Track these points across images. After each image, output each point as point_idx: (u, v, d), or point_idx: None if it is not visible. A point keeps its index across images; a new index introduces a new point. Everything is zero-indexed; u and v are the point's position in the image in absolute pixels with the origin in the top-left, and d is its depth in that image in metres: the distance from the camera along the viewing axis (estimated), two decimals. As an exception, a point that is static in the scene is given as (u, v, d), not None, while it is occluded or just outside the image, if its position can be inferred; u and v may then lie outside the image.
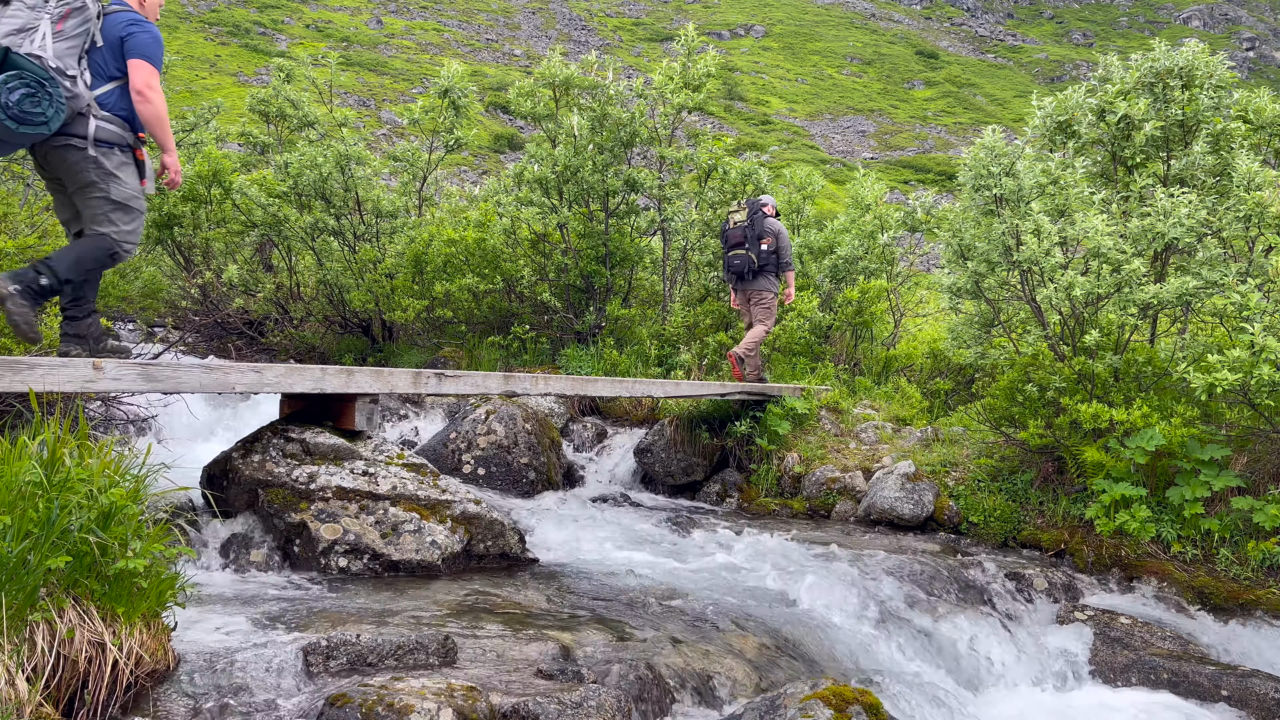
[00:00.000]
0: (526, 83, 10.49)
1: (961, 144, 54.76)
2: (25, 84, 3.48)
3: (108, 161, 3.81)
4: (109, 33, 3.82)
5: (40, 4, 3.69)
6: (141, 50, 3.81)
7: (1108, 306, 5.69)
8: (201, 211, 11.09)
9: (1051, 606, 4.93)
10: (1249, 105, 5.83)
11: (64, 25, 3.71)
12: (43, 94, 3.52)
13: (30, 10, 3.67)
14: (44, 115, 3.53)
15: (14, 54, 3.50)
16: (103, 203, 3.84)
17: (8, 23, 3.64)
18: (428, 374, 4.71)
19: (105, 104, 3.82)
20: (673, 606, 4.11)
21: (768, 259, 7.94)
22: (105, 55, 3.82)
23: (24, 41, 3.62)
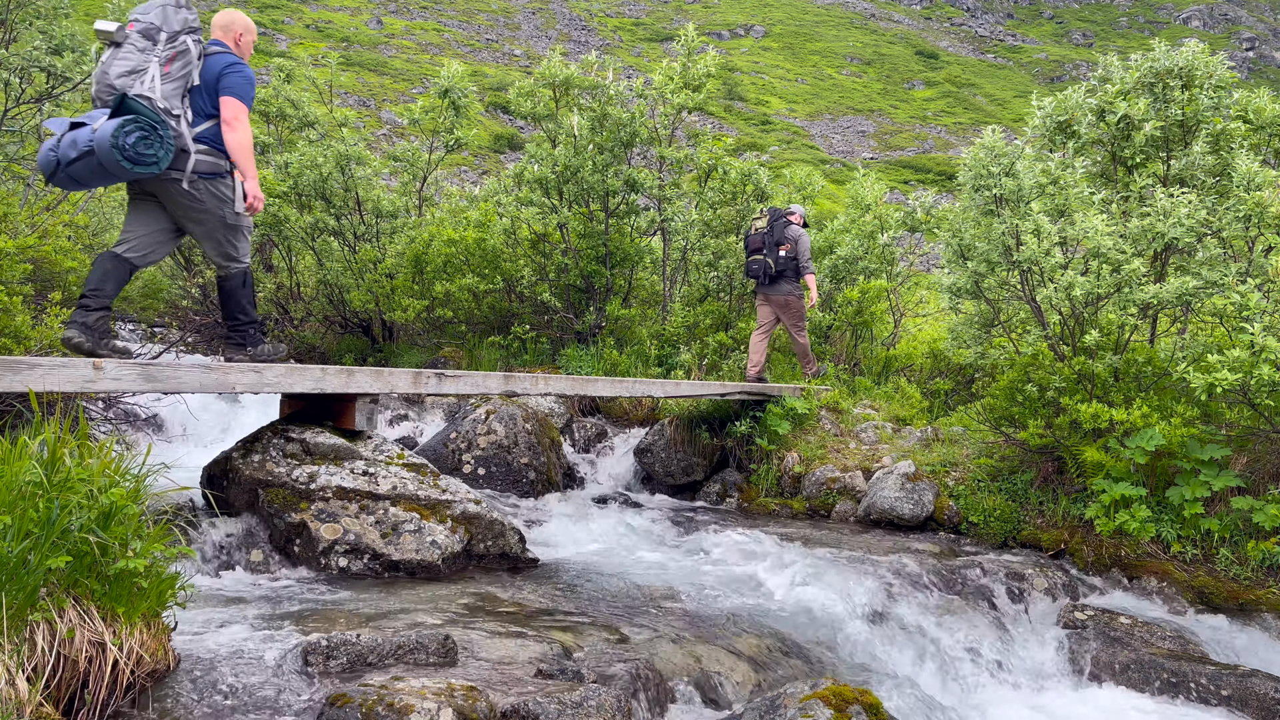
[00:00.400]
0: (526, 83, 10.49)
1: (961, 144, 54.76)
2: (140, 128, 3.78)
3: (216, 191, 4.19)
4: (208, 74, 4.12)
5: (150, 46, 3.97)
6: (234, 90, 4.14)
7: (1108, 306, 5.69)
8: (201, 211, 11.08)
9: (1051, 606, 4.93)
10: (1249, 105, 5.83)
11: (170, 68, 4.00)
12: (155, 137, 3.83)
13: (140, 53, 3.96)
14: (155, 156, 3.84)
15: (130, 98, 3.80)
16: (220, 227, 4.25)
17: (120, 64, 3.93)
18: (428, 374, 4.71)
19: (204, 138, 4.12)
20: (673, 606, 4.11)
21: (785, 264, 8.23)
22: (204, 95, 4.13)
23: (134, 83, 3.91)
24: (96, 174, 3.85)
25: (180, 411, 6.99)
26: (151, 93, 3.93)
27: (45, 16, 6.94)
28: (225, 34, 4.35)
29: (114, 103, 3.82)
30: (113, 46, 4.01)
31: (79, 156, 3.75)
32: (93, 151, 3.74)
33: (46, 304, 5.24)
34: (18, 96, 6.93)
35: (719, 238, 10.16)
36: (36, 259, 5.61)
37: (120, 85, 3.90)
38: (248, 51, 4.42)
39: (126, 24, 4.04)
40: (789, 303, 8.34)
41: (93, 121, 3.80)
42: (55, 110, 7.35)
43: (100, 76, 3.96)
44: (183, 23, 4.08)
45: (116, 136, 3.70)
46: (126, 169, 3.78)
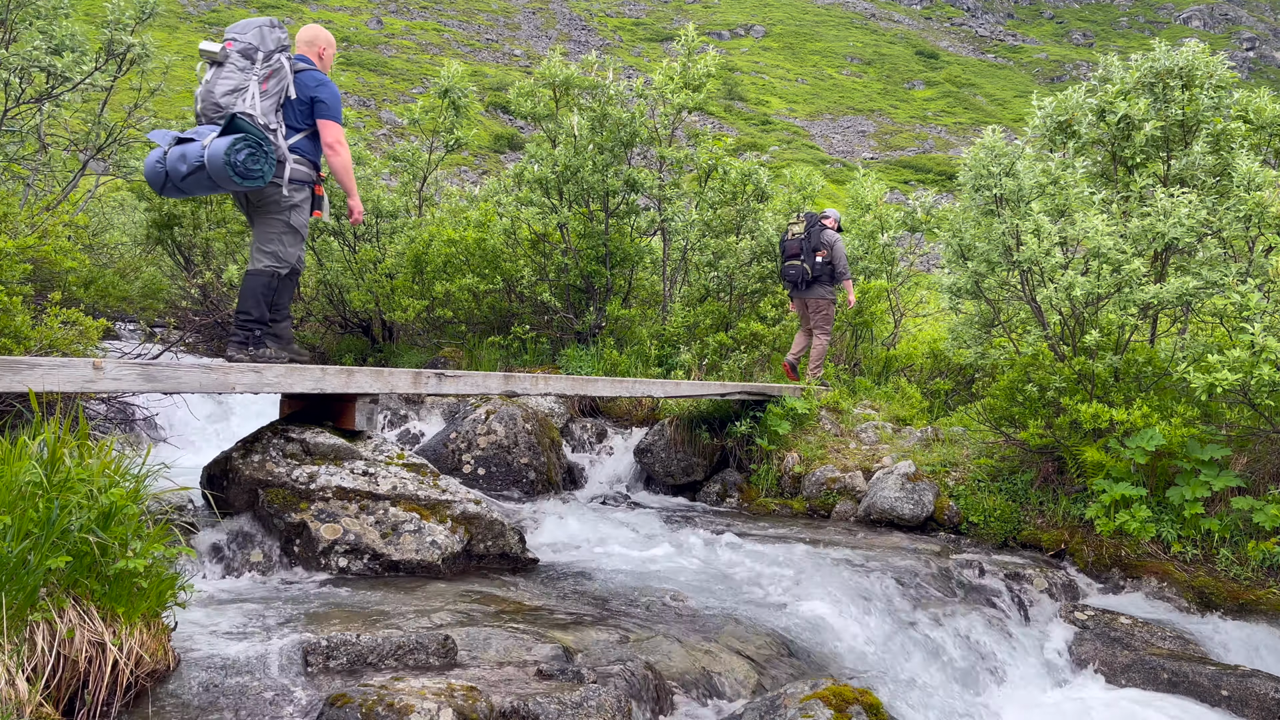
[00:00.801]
0: (526, 83, 10.49)
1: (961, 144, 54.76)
2: (249, 145, 4.11)
3: (296, 196, 4.50)
4: (300, 89, 4.45)
5: (249, 65, 4.29)
6: (330, 113, 4.50)
7: (1108, 306, 5.69)
8: (202, 211, 11.09)
9: (1051, 606, 4.93)
10: (1249, 105, 5.83)
11: (267, 85, 4.32)
12: (260, 153, 4.17)
13: (241, 72, 4.27)
14: (261, 171, 4.19)
15: (238, 117, 4.13)
16: (281, 226, 4.52)
17: (224, 83, 4.24)
18: (428, 374, 4.71)
19: (296, 149, 4.46)
20: (673, 606, 4.11)
21: (822, 270, 8.40)
22: (297, 109, 4.45)
23: (237, 101, 4.24)
24: (205, 186, 4.17)
25: (180, 411, 6.99)
26: (253, 110, 4.24)
27: (45, 16, 6.94)
28: (309, 49, 4.66)
29: (221, 120, 4.15)
30: (214, 66, 4.30)
31: (190, 171, 4.06)
32: (204, 167, 4.04)
33: (46, 304, 5.24)
34: (18, 96, 6.93)
35: (719, 238, 10.16)
36: (36, 259, 5.61)
37: (225, 103, 4.21)
38: (329, 64, 4.75)
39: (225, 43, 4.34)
40: (820, 305, 8.51)
41: (201, 138, 4.09)
42: (55, 110, 7.36)
43: (205, 95, 4.25)
44: (276, 42, 4.39)
45: (229, 154, 4.02)
46: (236, 183, 4.10)
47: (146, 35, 7.30)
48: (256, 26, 4.39)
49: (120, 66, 7.27)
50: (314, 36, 4.68)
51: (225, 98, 4.22)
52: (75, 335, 5.12)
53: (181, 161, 4.07)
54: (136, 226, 12.28)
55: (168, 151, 4.12)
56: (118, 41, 7.02)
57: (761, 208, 10.09)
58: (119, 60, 7.20)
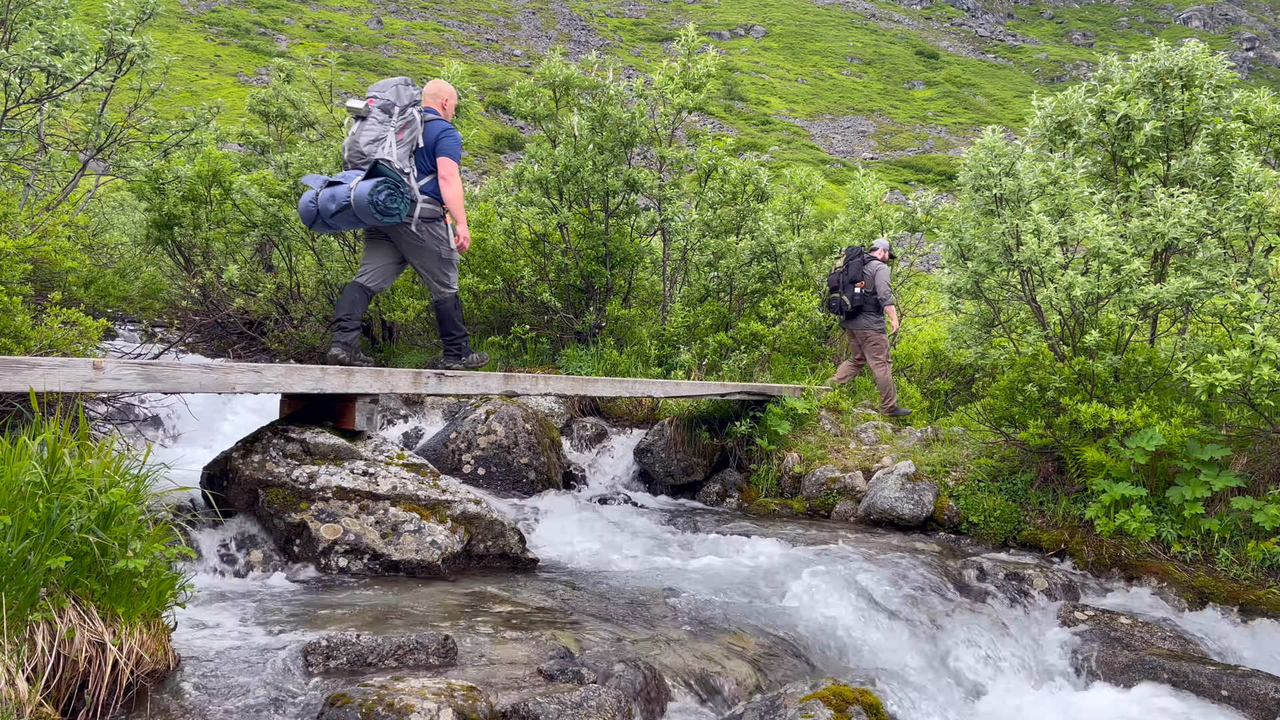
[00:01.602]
0: (526, 83, 10.49)
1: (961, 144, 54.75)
2: (388, 186, 4.71)
3: (440, 233, 5.09)
4: (428, 137, 4.99)
5: (387, 119, 4.90)
6: (449, 151, 5.01)
7: (1108, 306, 5.69)
8: (201, 211, 11.09)
9: (1051, 606, 4.93)
10: (1249, 105, 5.83)
11: (402, 135, 4.90)
12: (398, 194, 4.75)
13: (380, 125, 4.89)
14: (398, 209, 4.77)
15: (380, 163, 4.73)
16: (436, 263, 5.14)
17: (366, 134, 4.87)
18: (428, 374, 4.71)
19: (425, 190, 4.99)
20: (673, 606, 4.11)
21: (862, 301, 8.50)
22: (426, 155, 5.00)
23: (378, 149, 4.84)
24: (350, 222, 4.81)
25: (180, 411, 6.99)
26: (391, 156, 4.83)
27: (45, 16, 6.93)
28: (434, 100, 5.22)
29: (366, 166, 4.79)
30: (359, 120, 4.94)
31: (338, 209, 4.71)
32: (350, 205, 4.68)
33: (46, 304, 5.24)
34: (18, 96, 6.93)
35: (719, 238, 10.16)
36: (36, 259, 5.61)
37: (368, 151, 4.84)
38: (451, 113, 5.35)
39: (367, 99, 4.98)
40: (869, 336, 8.52)
41: (348, 181, 4.74)
42: (55, 110, 7.35)
43: (351, 144, 4.92)
44: (409, 98, 4.99)
45: (372, 195, 4.63)
46: (378, 219, 4.72)
47: (146, 35, 7.29)
48: (393, 85, 5.01)
49: (120, 66, 7.26)
50: (438, 90, 5.28)
51: (368, 146, 4.85)
52: (75, 335, 5.11)
53: (331, 201, 4.72)
54: (136, 226, 12.28)
55: (319, 193, 4.79)
56: (118, 41, 7.02)
57: (761, 208, 10.08)
58: (119, 60, 7.20)
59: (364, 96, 5.03)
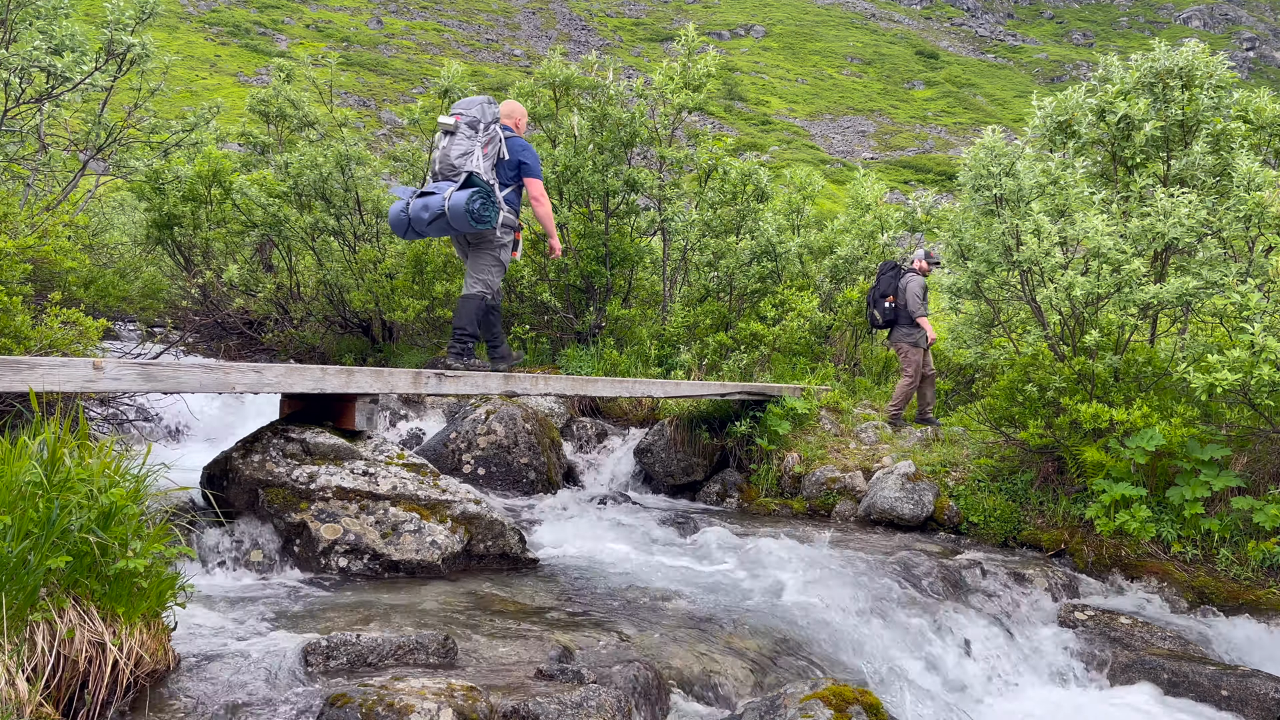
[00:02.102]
0: (526, 83, 10.49)
1: (961, 144, 54.75)
2: (481, 196, 5.15)
3: (505, 238, 5.51)
4: (510, 152, 5.47)
5: (473, 134, 5.30)
6: (534, 172, 5.50)
7: (1108, 306, 5.69)
8: (201, 211, 11.09)
9: (1051, 606, 4.93)
10: (1249, 105, 5.83)
11: (487, 150, 5.35)
12: (489, 202, 5.21)
13: (468, 139, 5.29)
14: (490, 216, 5.22)
15: (474, 175, 5.19)
16: (492, 262, 5.55)
17: (456, 148, 5.28)
18: (428, 374, 4.71)
19: (506, 200, 5.44)
20: (673, 606, 4.11)
21: (891, 314, 8.51)
22: (505, 168, 5.46)
23: (468, 162, 5.26)
24: (441, 229, 5.25)
25: (180, 411, 6.99)
26: (479, 169, 5.24)
27: (45, 16, 6.94)
28: (509, 119, 5.67)
29: (455, 178, 5.21)
30: (448, 135, 5.34)
31: (432, 218, 5.13)
32: (444, 214, 5.10)
33: (46, 304, 5.24)
34: (18, 96, 6.93)
35: (719, 238, 10.16)
36: (36, 259, 5.61)
37: (458, 164, 5.24)
38: (523, 129, 5.81)
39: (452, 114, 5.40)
40: (901, 348, 8.51)
41: (440, 192, 5.15)
42: (55, 110, 7.36)
43: (442, 158, 5.32)
44: (492, 115, 5.41)
45: (468, 203, 5.07)
46: (472, 226, 5.15)
47: (146, 35, 7.29)
48: (478, 103, 5.41)
49: (120, 66, 7.26)
50: (511, 110, 5.74)
51: (458, 159, 5.26)
52: (75, 335, 5.11)
53: (424, 210, 5.15)
54: (136, 226, 12.28)
55: (409, 203, 5.24)
56: (118, 41, 7.02)
57: (761, 208, 10.08)
58: (119, 60, 7.20)
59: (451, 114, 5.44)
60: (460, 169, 5.22)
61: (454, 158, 5.25)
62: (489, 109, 5.42)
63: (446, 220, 5.13)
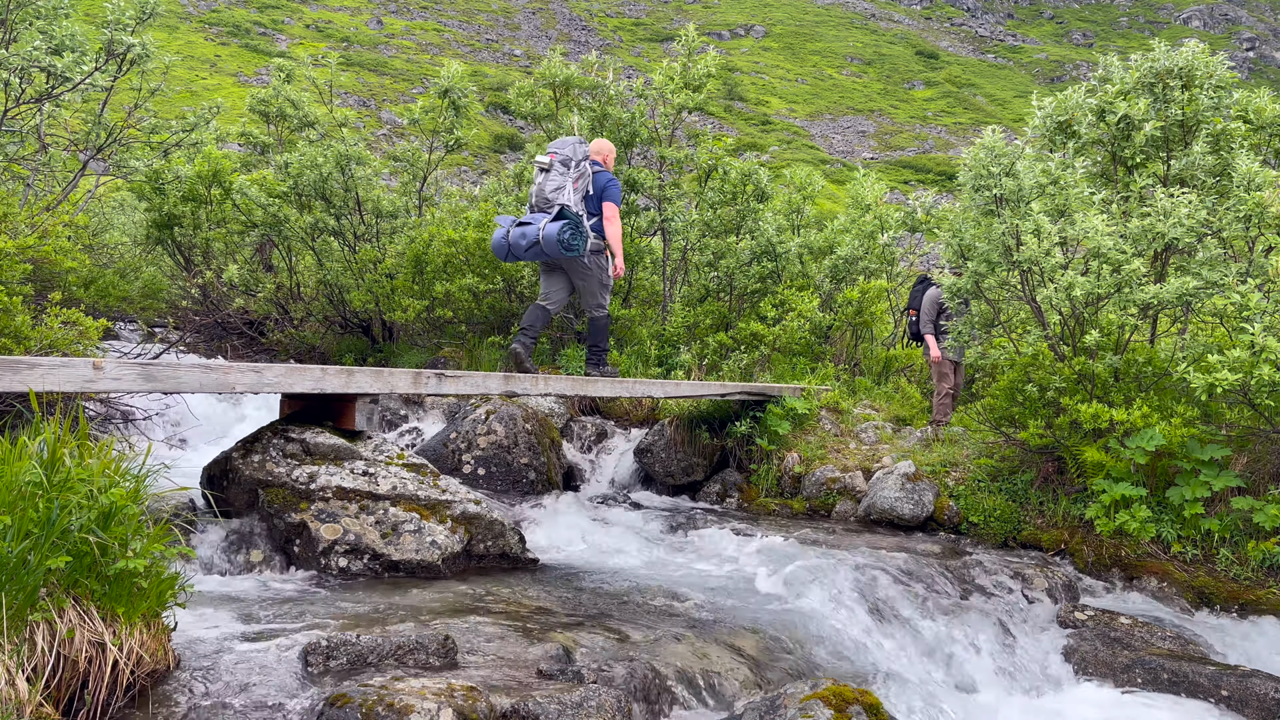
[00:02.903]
0: (526, 83, 10.49)
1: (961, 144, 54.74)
2: (572, 227, 5.78)
3: (601, 262, 6.18)
4: (596, 185, 6.07)
5: (565, 171, 5.95)
6: (613, 197, 6.08)
7: (1108, 306, 5.69)
8: (201, 211, 11.09)
9: (1051, 606, 4.93)
10: (1249, 105, 5.83)
11: (577, 184, 5.96)
12: (578, 233, 5.83)
13: (561, 176, 5.94)
14: (578, 245, 5.84)
15: (565, 208, 5.84)
16: (599, 286, 6.26)
17: (551, 184, 5.92)
18: (428, 374, 4.71)
19: (594, 229, 6.04)
20: (673, 606, 4.11)
21: (914, 328, 8.67)
22: (594, 200, 6.06)
23: (560, 195, 5.89)
24: (535, 255, 5.90)
25: (180, 411, 6.99)
26: (570, 201, 5.88)
27: (45, 16, 6.93)
28: (599, 155, 6.27)
29: (550, 210, 5.87)
30: (543, 172, 5.99)
31: (529, 245, 5.82)
32: (539, 243, 5.76)
33: (46, 304, 5.24)
34: (18, 96, 6.93)
35: (719, 238, 10.16)
36: (36, 259, 5.61)
37: (553, 198, 5.88)
38: (611, 164, 6.37)
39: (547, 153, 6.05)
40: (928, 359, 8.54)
41: (536, 223, 5.82)
42: (55, 110, 7.36)
43: (538, 192, 5.96)
44: (583, 154, 6.03)
45: (560, 234, 5.71)
46: (562, 253, 5.78)
47: (147, 35, 7.29)
48: (570, 143, 6.02)
49: (120, 66, 7.26)
50: (601, 147, 6.34)
51: (552, 193, 5.89)
52: (75, 335, 5.11)
53: (522, 238, 5.83)
54: (136, 226, 12.28)
55: (510, 231, 5.92)
56: (118, 41, 7.02)
57: (761, 208, 10.07)
58: (119, 60, 7.20)
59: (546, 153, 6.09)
60: (554, 202, 5.87)
61: (548, 192, 5.91)
62: (580, 148, 6.03)
63: (540, 248, 5.79)
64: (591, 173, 6.08)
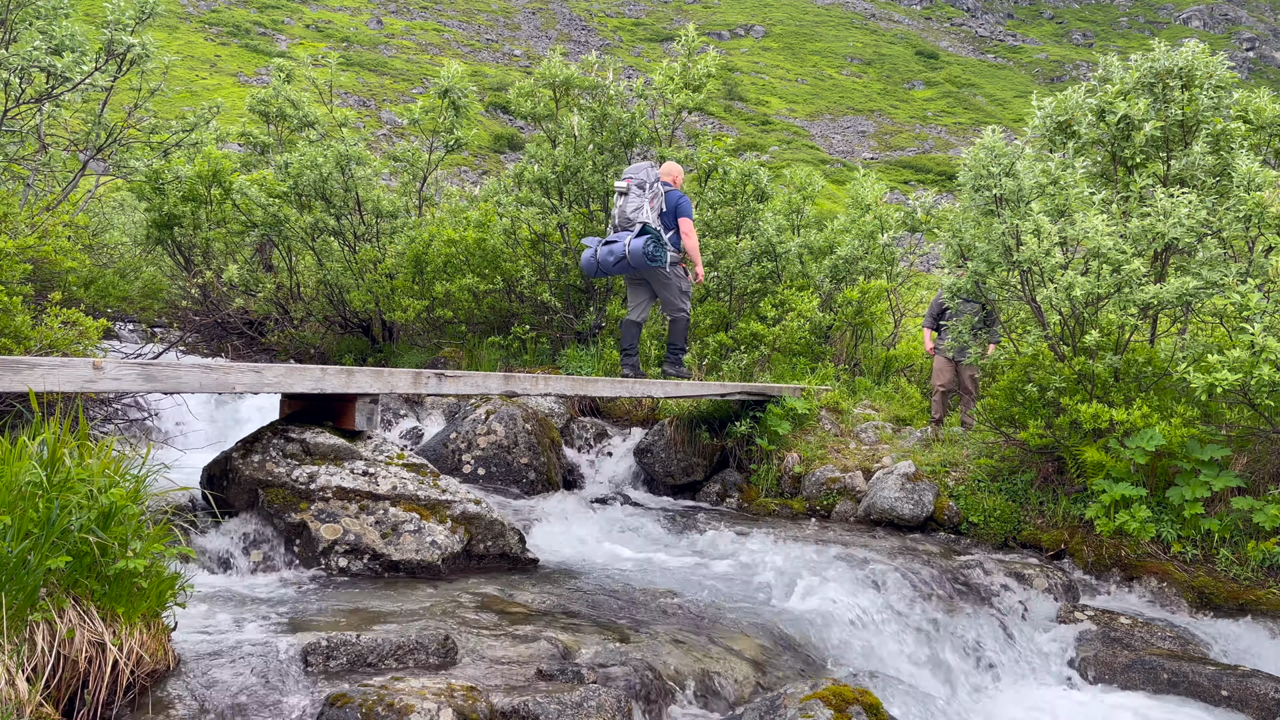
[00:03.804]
0: (526, 83, 10.48)
1: (961, 144, 54.74)
2: (654, 241, 6.54)
3: (676, 271, 6.90)
4: (669, 203, 6.86)
5: (642, 193, 6.70)
6: (686, 212, 6.89)
7: (1108, 306, 5.69)
8: (201, 211, 11.09)
9: (1051, 606, 4.93)
10: (1249, 105, 5.83)
11: (654, 204, 6.73)
12: (659, 246, 6.59)
13: (639, 197, 6.69)
14: (661, 257, 6.60)
15: (648, 225, 6.59)
16: (678, 292, 6.99)
17: (630, 204, 6.69)
18: (428, 374, 4.71)
19: (671, 243, 6.78)
20: (673, 606, 4.11)
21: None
22: (668, 216, 6.84)
23: (639, 214, 6.66)
24: (622, 268, 6.67)
25: (180, 411, 6.99)
26: (649, 219, 6.63)
27: (45, 16, 6.93)
28: (669, 176, 7.04)
29: (632, 228, 6.61)
30: (621, 196, 6.76)
31: (616, 261, 6.57)
32: (626, 258, 6.52)
33: (46, 304, 5.24)
34: (18, 96, 6.92)
35: (719, 238, 10.15)
36: (36, 259, 5.61)
37: (633, 217, 6.65)
38: (680, 184, 7.17)
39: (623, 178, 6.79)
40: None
41: (621, 240, 6.58)
42: (55, 110, 7.36)
43: (620, 213, 6.74)
44: (655, 176, 6.81)
45: (645, 247, 6.47)
46: (648, 265, 6.55)
47: (147, 35, 7.29)
48: (644, 168, 6.79)
49: (120, 66, 7.26)
50: (670, 170, 7.08)
51: (632, 213, 6.66)
52: (75, 335, 5.11)
53: (610, 255, 6.59)
54: (136, 226, 12.28)
55: (597, 250, 6.68)
56: (118, 41, 7.01)
57: (761, 208, 10.07)
58: (119, 60, 7.20)
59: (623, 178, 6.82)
60: (635, 220, 6.62)
61: (629, 212, 6.68)
62: (652, 171, 6.80)
63: (628, 261, 6.54)
64: (663, 192, 6.81)
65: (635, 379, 7.20)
